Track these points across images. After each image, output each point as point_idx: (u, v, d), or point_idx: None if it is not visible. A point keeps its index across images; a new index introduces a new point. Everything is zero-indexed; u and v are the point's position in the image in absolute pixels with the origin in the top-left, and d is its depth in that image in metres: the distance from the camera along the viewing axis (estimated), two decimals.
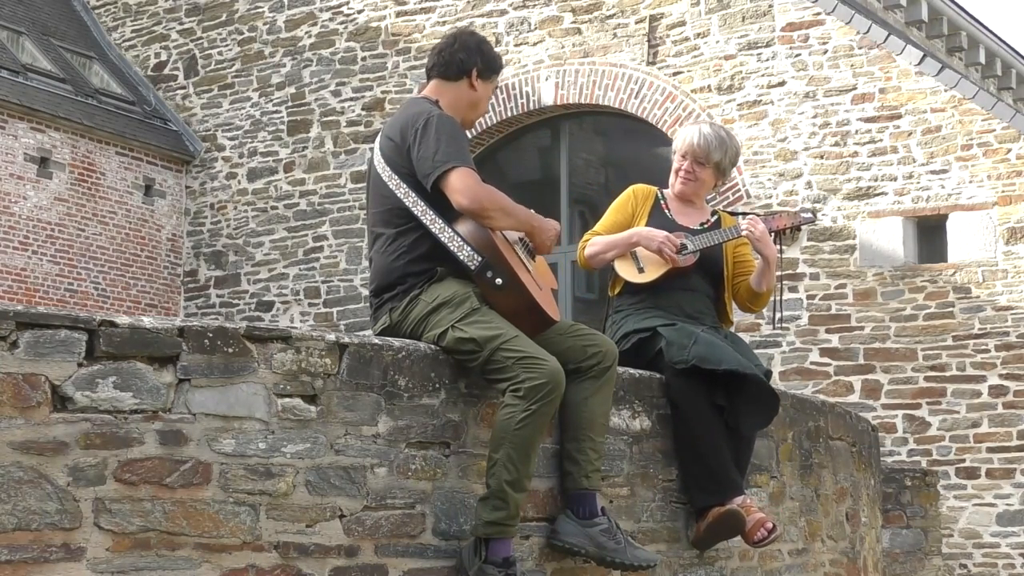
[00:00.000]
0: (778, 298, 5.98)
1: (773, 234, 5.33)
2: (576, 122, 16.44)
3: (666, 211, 5.29)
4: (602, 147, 16.77)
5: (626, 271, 5.19)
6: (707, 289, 5.22)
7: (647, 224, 5.21)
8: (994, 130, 13.49)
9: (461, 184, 4.06)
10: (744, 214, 5.44)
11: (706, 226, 5.30)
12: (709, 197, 5.61)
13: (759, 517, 4.66)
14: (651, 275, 5.12)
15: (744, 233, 5.16)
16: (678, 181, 5.30)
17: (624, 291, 5.22)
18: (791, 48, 14.51)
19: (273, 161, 17.70)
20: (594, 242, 5.24)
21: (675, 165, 5.32)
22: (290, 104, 17.63)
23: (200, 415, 3.40)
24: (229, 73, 18.20)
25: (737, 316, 5.56)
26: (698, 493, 4.65)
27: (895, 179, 13.87)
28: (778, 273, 5.34)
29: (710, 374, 4.69)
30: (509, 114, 16.12)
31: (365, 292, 15.67)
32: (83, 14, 19.43)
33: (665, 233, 5.11)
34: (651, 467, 4.58)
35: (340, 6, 17.38)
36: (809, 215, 5.49)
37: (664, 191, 5.36)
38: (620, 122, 15.80)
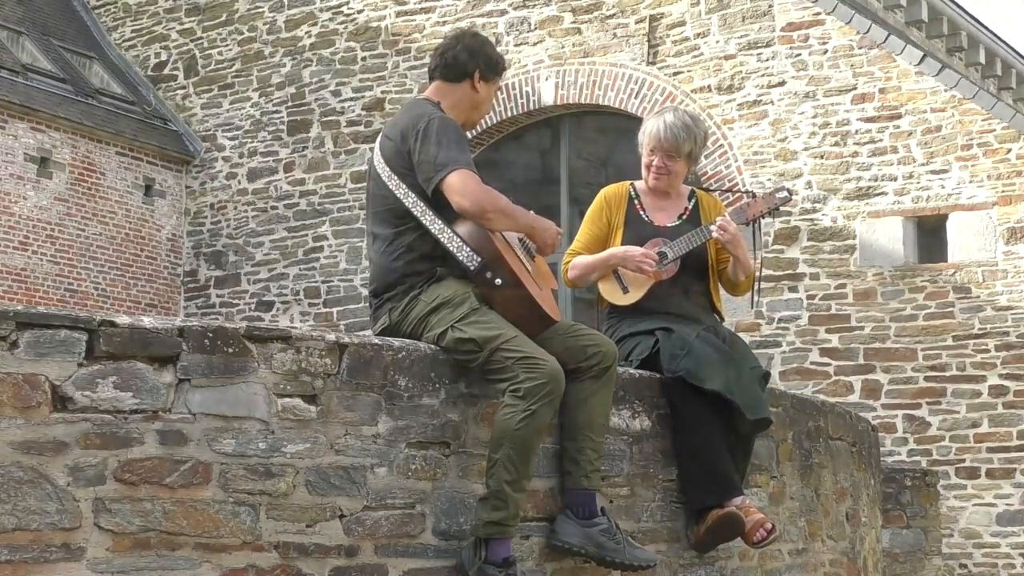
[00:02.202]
0: (759, 284, 5.85)
1: (751, 222, 5.26)
2: (576, 122, 16.43)
3: (641, 212, 5.16)
4: (602, 147, 16.75)
5: (610, 293, 5.12)
6: (698, 286, 5.13)
7: (624, 232, 5.11)
8: (994, 130, 13.49)
9: (462, 186, 4.06)
10: (719, 191, 5.36)
11: (684, 217, 5.17)
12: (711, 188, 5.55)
13: (758, 518, 4.64)
14: (635, 295, 5.05)
15: (714, 236, 5.03)
16: (651, 177, 5.13)
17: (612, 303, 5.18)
18: (791, 48, 14.50)
19: (273, 161, 17.70)
20: (574, 265, 5.17)
21: (644, 160, 5.14)
22: (290, 104, 17.63)
23: (200, 415, 3.40)
24: (229, 73, 18.19)
25: (737, 316, 5.55)
26: (697, 494, 4.62)
27: (895, 179, 13.87)
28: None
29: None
30: (509, 114, 16.12)
31: (365, 292, 15.63)
32: (83, 14, 19.43)
33: (641, 250, 5.00)
34: (651, 467, 4.57)
35: (340, 6, 17.37)
36: (785, 194, 5.34)
37: (637, 184, 5.23)
38: (620, 122, 15.79)
